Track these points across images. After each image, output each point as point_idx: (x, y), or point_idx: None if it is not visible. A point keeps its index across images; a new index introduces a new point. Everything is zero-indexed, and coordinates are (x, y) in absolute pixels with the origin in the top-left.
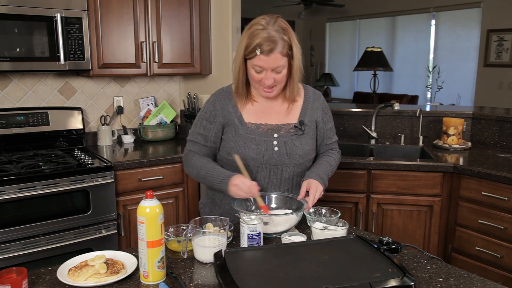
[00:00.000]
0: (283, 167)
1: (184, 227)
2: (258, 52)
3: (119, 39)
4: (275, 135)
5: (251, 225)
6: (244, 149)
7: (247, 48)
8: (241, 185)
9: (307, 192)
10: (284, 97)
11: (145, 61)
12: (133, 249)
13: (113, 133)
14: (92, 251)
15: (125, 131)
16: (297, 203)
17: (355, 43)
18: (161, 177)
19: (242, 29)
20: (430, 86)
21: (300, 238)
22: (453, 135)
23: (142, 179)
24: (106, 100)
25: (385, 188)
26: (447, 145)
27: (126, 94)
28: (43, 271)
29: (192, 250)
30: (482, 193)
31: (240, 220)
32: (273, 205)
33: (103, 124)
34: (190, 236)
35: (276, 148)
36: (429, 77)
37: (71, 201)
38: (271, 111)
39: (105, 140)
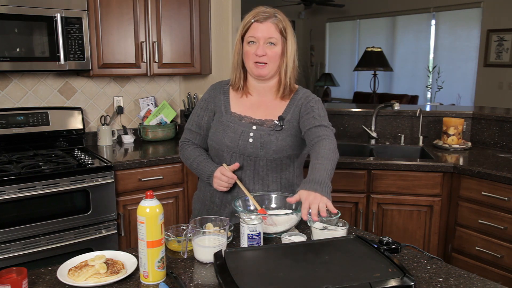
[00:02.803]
0: (256, 159)
1: (184, 227)
2: (252, 20)
3: (119, 39)
4: (254, 127)
5: (251, 225)
6: (222, 135)
7: (243, 24)
8: (219, 175)
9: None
10: (276, 93)
11: (145, 61)
12: (133, 249)
13: (113, 133)
14: (92, 251)
15: (125, 131)
16: (296, 203)
17: (355, 43)
18: (161, 177)
19: None
20: (430, 86)
21: (300, 238)
22: (453, 135)
23: (142, 179)
24: (106, 100)
25: (385, 188)
26: (447, 145)
27: (126, 94)
28: (43, 271)
29: (192, 250)
30: (482, 193)
31: (240, 220)
32: (273, 205)
33: (103, 124)
34: (190, 236)
35: (250, 140)
36: (429, 77)
37: (71, 201)
38: (260, 105)
39: (105, 140)
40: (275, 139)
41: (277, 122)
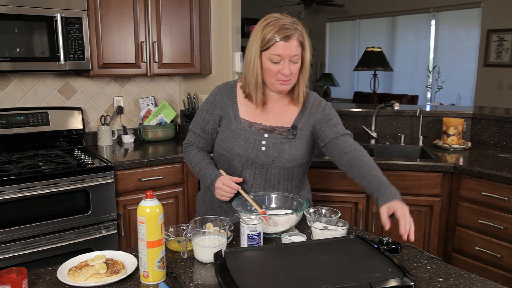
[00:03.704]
0: (269, 168)
1: (184, 227)
2: (277, 39)
3: (119, 39)
4: (266, 135)
5: (251, 225)
6: (233, 144)
7: (263, 39)
8: (221, 186)
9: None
10: (291, 98)
11: (145, 61)
12: (133, 249)
13: (113, 133)
14: (92, 251)
15: (125, 131)
16: (297, 203)
17: (355, 43)
18: (161, 177)
19: (242, 29)
20: (430, 86)
21: (300, 238)
22: (453, 135)
23: (142, 179)
24: (106, 100)
25: None
26: (447, 145)
27: (126, 94)
28: (43, 271)
29: (192, 250)
30: (482, 193)
31: (240, 220)
32: (273, 205)
33: (103, 124)
34: (190, 236)
35: (263, 148)
36: (429, 77)
37: (71, 201)
38: (270, 111)
39: (105, 140)
40: (288, 148)
41: (289, 129)
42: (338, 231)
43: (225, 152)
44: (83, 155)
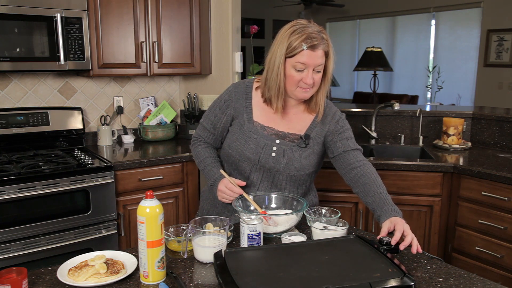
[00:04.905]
0: (276, 173)
1: (184, 227)
2: (304, 47)
3: (119, 39)
4: (277, 141)
5: (251, 225)
6: (244, 146)
7: (289, 46)
8: (223, 189)
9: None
10: (307, 106)
11: (145, 61)
12: (133, 249)
13: (113, 133)
14: (92, 251)
15: (125, 131)
16: (297, 203)
17: (355, 43)
18: (161, 177)
19: (242, 29)
20: (430, 86)
21: (300, 238)
22: (453, 135)
23: (142, 179)
24: (106, 100)
25: None
26: (447, 145)
27: (126, 94)
28: (43, 271)
29: (192, 250)
30: (482, 193)
31: (240, 220)
32: (273, 205)
33: (103, 124)
34: (190, 236)
35: (273, 154)
36: (429, 77)
37: (71, 201)
38: (284, 116)
39: (105, 140)
40: (298, 156)
41: (301, 137)
42: (338, 231)
43: (235, 154)
44: (83, 155)
